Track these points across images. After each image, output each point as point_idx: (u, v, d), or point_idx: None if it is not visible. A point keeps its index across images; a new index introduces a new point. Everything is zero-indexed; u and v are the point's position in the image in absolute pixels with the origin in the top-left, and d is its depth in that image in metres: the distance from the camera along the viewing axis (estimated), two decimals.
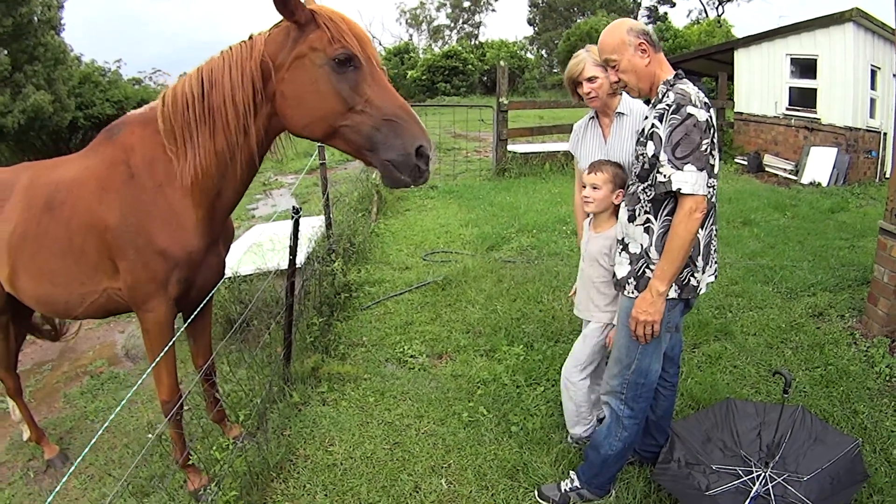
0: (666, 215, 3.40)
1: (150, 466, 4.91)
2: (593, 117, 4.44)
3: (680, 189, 3.19)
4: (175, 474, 4.71)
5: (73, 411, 6.26)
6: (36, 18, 25.43)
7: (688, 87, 3.33)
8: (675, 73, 3.47)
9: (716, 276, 3.77)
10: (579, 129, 4.55)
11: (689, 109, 3.20)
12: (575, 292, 4.61)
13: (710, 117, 3.28)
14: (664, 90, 3.40)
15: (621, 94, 4.24)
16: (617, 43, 3.46)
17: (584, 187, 4.13)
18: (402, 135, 3.26)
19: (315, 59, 3.30)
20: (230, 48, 3.59)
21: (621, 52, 3.46)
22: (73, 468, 2.95)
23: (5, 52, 24.56)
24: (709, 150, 3.24)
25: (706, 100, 3.33)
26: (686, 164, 3.18)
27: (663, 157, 3.26)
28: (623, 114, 4.23)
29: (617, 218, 4.02)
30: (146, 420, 5.69)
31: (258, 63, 3.43)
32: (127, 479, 4.74)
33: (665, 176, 3.24)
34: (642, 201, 3.51)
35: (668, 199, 3.38)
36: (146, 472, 4.84)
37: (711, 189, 3.37)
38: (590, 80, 4.18)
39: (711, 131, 3.28)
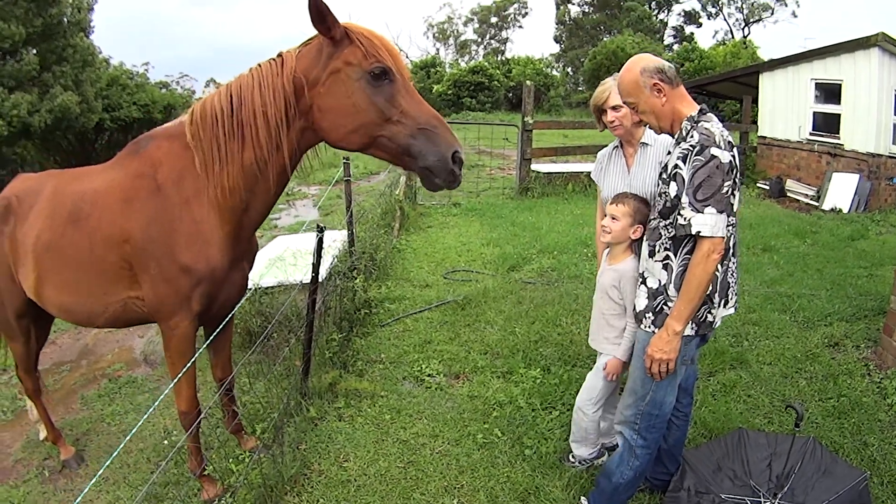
0: (685, 254, 3.43)
1: (166, 473, 4.97)
2: (618, 146, 4.48)
3: (700, 232, 3.23)
4: (190, 482, 4.78)
5: (89, 413, 6.35)
6: (65, 20, 25.91)
7: (712, 125, 3.35)
8: (699, 108, 3.48)
9: (735, 309, 3.80)
10: (603, 158, 4.59)
11: (713, 151, 3.22)
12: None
13: (734, 157, 3.30)
14: (688, 127, 3.41)
15: (646, 124, 4.29)
16: (632, 84, 3.50)
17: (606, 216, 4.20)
18: (438, 142, 3.41)
19: (351, 74, 3.43)
20: (259, 65, 3.68)
21: (637, 95, 3.50)
22: (95, 478, 3.01)
23: (34, 51, 24.97)
24: (730, 191, 3.27)
25: (730, 139, 3.35)
26: (707, 206, 3.21)
27: (685, 199, 3.28)
28: (647, 144, 4.27)
29: (632, 251, 4.11)
30: (162, 426, 5.78)
31: (290, 79, 3.54)
32: (142, 485, 4.84)
33: (685, 219, 3.27)
34: (663, 238, 3.54)
35: (688, 238, 3.40)
36: (161, 478, 4.91)
37: (731, 228, 3.40)
38: (614, 108, 4.23)
39: (734, 172, 3.29)
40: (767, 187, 15.82)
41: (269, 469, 4.60)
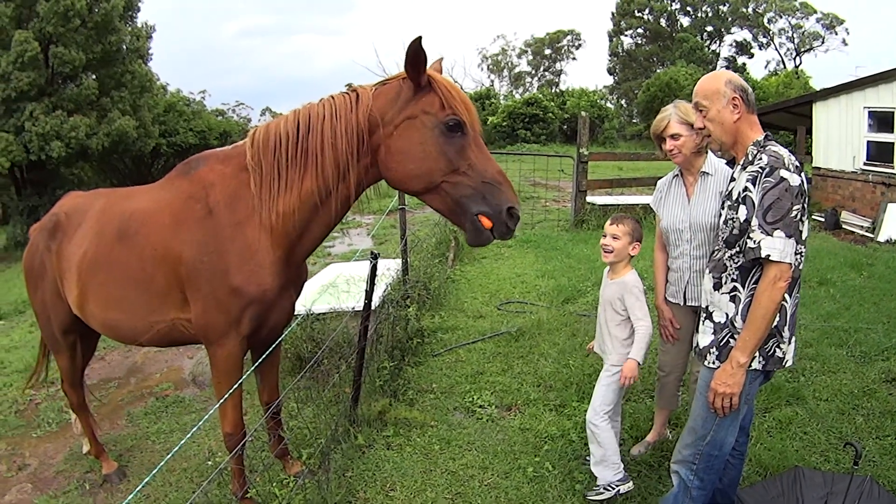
0: (753, 283, 3.40)
1: (208, 494, 4.97)
2: (678, 175, 4.52)
3: (769, 256, 3.21)
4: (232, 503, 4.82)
5: (135, 430, 6.48)
6: (124, 47, 27.06)
7: (780, 149, 3.37)
8: (764, 134, 3.50)
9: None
10: (663, 187, 4.64)
11: (783, 173, 3.24)
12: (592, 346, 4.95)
13: (803, 182, 3.29)
14: (755, 151, 3.43)
15: (707, 153, 4.31)
16: (711, 90, 3.51)
17: (605, 237, 4.52)
18: (498, 196, 3.51)
19: (426, 122, 3.54)
20: (332, 97, 3.77)
21: (713, 101, 3.50)
22: (135, 492, 3.08)
23: (94, 76, 25.92)
24: (798, 216, 3.25)
25: (798, 163, 3.36)
26: (776, 229, 3.20)
27: (755, 221, 3.28)
28: (708, 173, 4.31)
29: (631, 266, 4.51)
30: (206, 446, 5.86)
31: (366, 116, 3.63)
32: None
33: (755, 241, 3.26)
34: (729, 269, 3.52)
35: (757, 267, 3.38)
36: (203, 499, 4.92)
37: (799, 256, 3.36)
38: (673, 137, 4.29)
39: (803, 197, 3.29)
40: (822, 219, 15.59)
41: (313, 495, 4.64)
